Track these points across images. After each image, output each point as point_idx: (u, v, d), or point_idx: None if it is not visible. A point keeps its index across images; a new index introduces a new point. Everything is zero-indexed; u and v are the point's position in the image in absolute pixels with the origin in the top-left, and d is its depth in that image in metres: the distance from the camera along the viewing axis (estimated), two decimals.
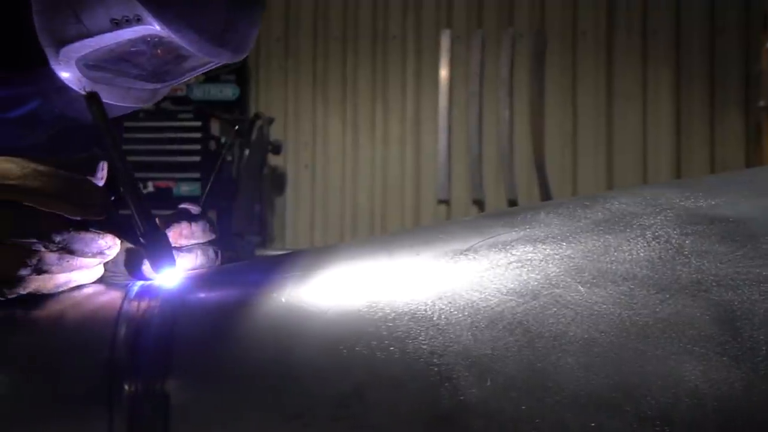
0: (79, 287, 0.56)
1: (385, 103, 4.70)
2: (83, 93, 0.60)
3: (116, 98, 0.71)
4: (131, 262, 0.60)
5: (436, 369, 0.49)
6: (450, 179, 4.60)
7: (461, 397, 0.48)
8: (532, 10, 4.54)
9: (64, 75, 0.67)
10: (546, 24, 4.52)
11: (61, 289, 0.55)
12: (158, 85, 0.73)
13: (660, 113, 4.41)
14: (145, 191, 3.98)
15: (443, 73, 4.54)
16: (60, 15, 0.64)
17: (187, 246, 0.64)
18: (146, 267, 0.68)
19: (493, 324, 0.50)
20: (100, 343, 0.51)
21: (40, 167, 0.51)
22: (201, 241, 0.66)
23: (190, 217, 0.65)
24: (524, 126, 4.52)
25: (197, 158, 4.06)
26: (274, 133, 4.52)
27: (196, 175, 4.04)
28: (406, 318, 0.51)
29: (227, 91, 4.25)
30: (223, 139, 4.19)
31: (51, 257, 0.52)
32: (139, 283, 0.58)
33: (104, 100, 0.69)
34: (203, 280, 0.58)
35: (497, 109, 4.50)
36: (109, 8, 0.63)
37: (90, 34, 0.64)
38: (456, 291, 0.53)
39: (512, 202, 4.50)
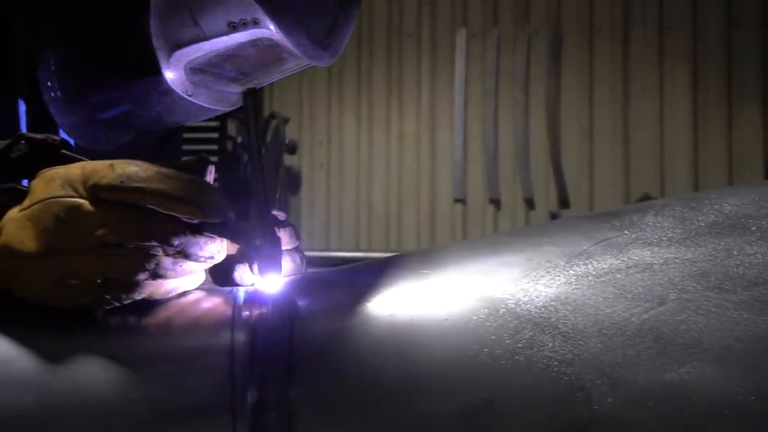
0: (184, 293, 0.55)
1: (401, 102, 4.68)
2: (187, 96, 0.58)
3: (212, 101, 0.70)
4: (219, 269, 0.59)
5: (566, 378, 0.48)
6: (466, 178, 4.59)
7: (595, 407, 0.47)
8: (548, 6, 4.52)
9: (171, 78, 0.66)
10: (562, 21, 4.50)
11: (170, 295, 0.54)
12: (247, 88, 0.72)
13: (677, 108, 4.39)
14: None
15: (459, 70, 4.52)
16: (177, 18, 0.64)
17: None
18: (238, 273, 0.67)
19: (621, 331, 0.49)
20: (219, 351, 0.50)
21: (163, 169, 0.50)
22: (289, 247, 0.65)
23: (278, 223, 0.64)
24: (540, 123, 4.49)
25: (215, 158, 4.06)
26: (290, 133, 4.51)
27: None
28: (529, 325, 0.50)
29: None
30: (239, 139, 4.18)
31: (167, 261, 0.51)
32: (242, 289, 0.57)
33: (201, 104, 0.69)
34: (311, 285, 0.57)
35: (513, 107, 4.48)
36: (228, 11, 0.62)
37: (205, 38, 0.64)
38: (577, 296, 0.51)
39: (529, 201, 4.48)
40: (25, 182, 0.56)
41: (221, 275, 0.60)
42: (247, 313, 0.53)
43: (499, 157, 4.51)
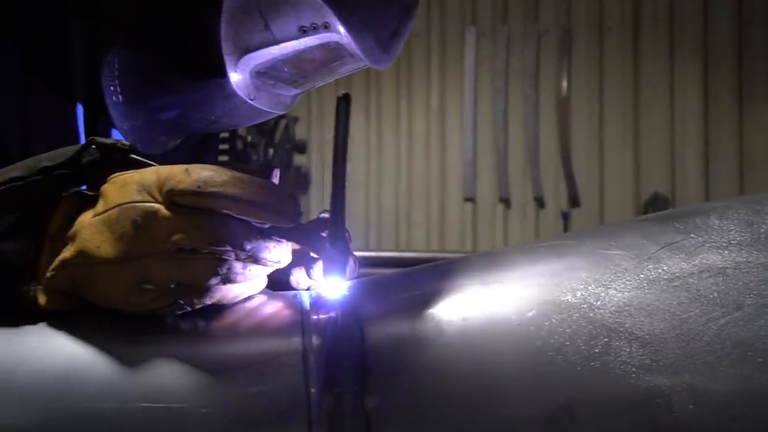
0: (249, 298, 0.55)
1: (410, 101, 4.67)
2: (249, 99, 0.58)
3: (270, 105, 0.70)
4: (275, 272, 0.58)
5: (645, 385, 0.47)
6: (476, 176, 4.58)
7: (676, 414, 0.46)
8: (557, 5, 4.51)
9: (236, 82, 0.66)
10: (572, 19, 4.49)
11: (236, 300, 0.53)
12: (301, 91, 0.72)
13: (687, 106, 4.38)
14: None
15: (468, 69, 4.51)
16: (249, 22, 0.64)
17: None
18: (294, 278, 0.67)
19: (698, 336, 0.49)
20: (291, 357, 0.50)
21: (237, 174, 0.49)
22: None
23: None
24: (550, 122, 4.49)
25: (225, 158, 4.06)
26: (299, 132, 4.51)
27: None
28: (603, 330, 0.50)
29: None
30: (249, 138, 4.18)
31: (238, 266, 0.50)
32: (305, 293, 0.57)
33: (261, 107, 0.68)
34: (375, 288, 0.57)
35: (523, 106, 4.48)
36: (300, 16, 0.62)
37: (275, 42, 0.64)
38: (650, 301, 0.51)
39: (539, 200, 4.48)
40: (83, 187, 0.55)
41: (277, 279, 0.60)
42: (316, 317, 0.52)
43: (509, 156, 4.50)
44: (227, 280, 0.50)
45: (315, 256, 0.60)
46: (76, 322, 0.50)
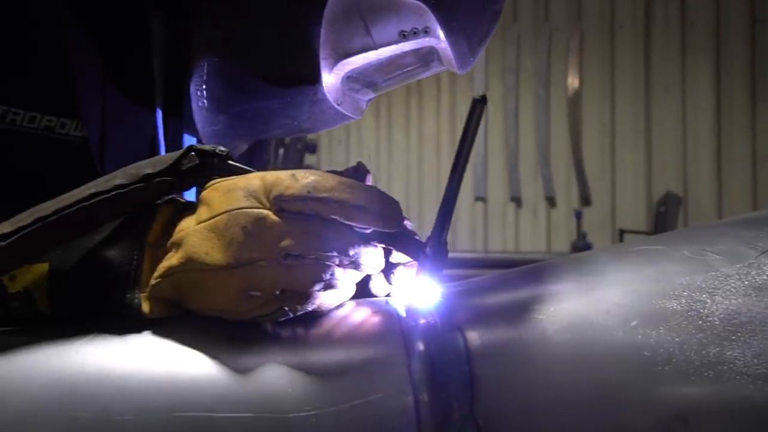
0: (342, 304, 0.54)
1: (420, 100, 4.67)
2: (336, 105, 0.57)
3: (352, 110, 0.69)
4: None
5: (761, 395, 0.46)
6: (486, 176, 4.57)
7: None
8: (568, 3, 4.50)
9: (328, 87, 0.65)
10: (583, 17, 4.48)
11: (333, 306, 0.53)
12: (375, 95, 0.71)
13: (699, 105, 4.37)
14: None
15: (478, 68, 4.50)
16: (350, 26, 0.63)
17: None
18: (374, 284, 0.66)
19: None
20: (396, 365, 0.49)
21: (343, 179, 0.48)
22: None
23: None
24: (561, 121, 4.48)
25: None
26: None
27: None
28: (715, 339, 0.49)
29: None
30: None
31: (339, 272, 0.50)
32: (394, 299, 0.56)
33: (345, 112, 0.67)
34: (469, 294, 0.56)
35: (534, 104, 4.47)
36: (401, 20, 0.62)
37: (374, 47, 0.63)
38: (759, 309, 0.50)
39: (550, 199, 4.47)
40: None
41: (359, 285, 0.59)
42: (415, 323, 0.51)
43: (519, 155, 4.50)
44: (329, 286, 0.50)
45: (394, 261, 0.59)
46: (178, 330, 0.49)
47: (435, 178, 4.65)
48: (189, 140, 0.73)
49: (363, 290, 0.66)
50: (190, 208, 0.51)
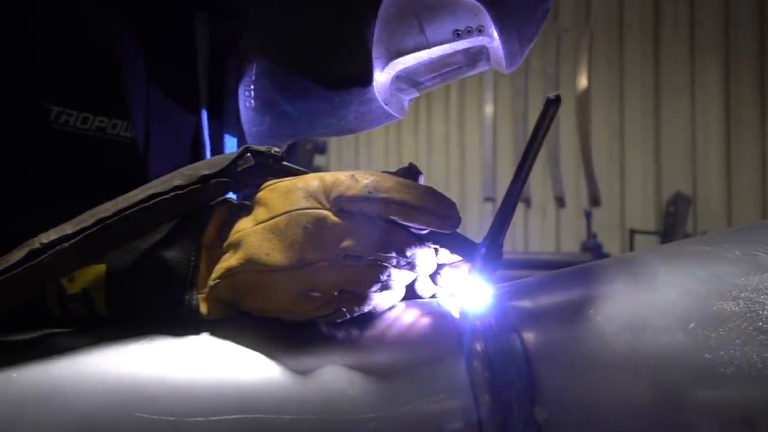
0: (395, 306, 0.54)
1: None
2: (384, 104, 0.56)
3: (398, 110, 0.69)
4: None
5: None
6: (495, 176, 4.57)
7: None
8: (577, 3, 4.50)
9: (379, 86, 0.65)
10: (592, 18, 4.48)
11: (387, 307, 0.52)
12: (418, 95, 0.71)
13: (709, 106, 4.36)
14: None
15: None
16: (404, 25, 0.63)
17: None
18: (419, 285, 0.66)
19: None
20: (454, 367, 0.49)
21: (401, 179, 0.48)
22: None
23: None
24: (571, 121, 4.47)
25: None
26: None
27: None
28: None
29: None
30: None
31: (395, 273, 0.49)
32: (444, 300, 0.56)
33: (392, 112, 0.67)
34: (520, 294, 0.55)
35: (543, 105, 4.46)
36: (456, 19, 0.62)
37: (427, 46, 0.63)
38: None
39: (559, 200, 4.46)
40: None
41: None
42: (470, 324, 0.51)
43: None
44: (385, 287, 0.50)
45: (440, 262, 0.59)
46: (235, 331, 0.49)
47: (444, 178, 4.65)
48: (229, 140, 0.73)
49: (408, 292, 0.66)
50: (245, 209, 0.51)
